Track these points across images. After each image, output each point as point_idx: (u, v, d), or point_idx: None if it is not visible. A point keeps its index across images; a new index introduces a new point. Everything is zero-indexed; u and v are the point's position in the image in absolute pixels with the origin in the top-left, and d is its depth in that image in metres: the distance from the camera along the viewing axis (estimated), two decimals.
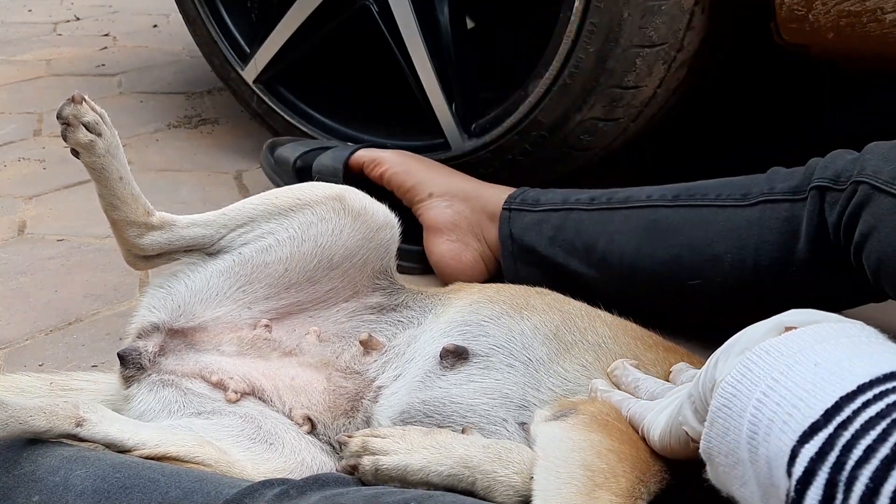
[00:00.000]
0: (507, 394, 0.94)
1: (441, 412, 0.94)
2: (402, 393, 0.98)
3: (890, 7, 1.24)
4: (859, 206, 1.07)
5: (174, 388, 1.00)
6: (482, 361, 0.98)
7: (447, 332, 1.03)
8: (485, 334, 1.00)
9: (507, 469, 0.81)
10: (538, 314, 1.02)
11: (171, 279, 1.07)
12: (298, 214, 1.06)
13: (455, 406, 0.94)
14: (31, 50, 3.14)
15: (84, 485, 0.80)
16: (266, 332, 1.06)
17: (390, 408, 0.98)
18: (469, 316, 1.03)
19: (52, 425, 0.85)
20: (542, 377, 0.95)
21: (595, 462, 0.76)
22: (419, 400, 0.96)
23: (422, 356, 1.01)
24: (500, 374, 0.96)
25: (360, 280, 1.09)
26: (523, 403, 0.93)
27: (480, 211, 1.45)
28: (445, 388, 0.96)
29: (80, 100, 1.00)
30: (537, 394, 0.93)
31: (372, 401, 1.00)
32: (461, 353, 0.98)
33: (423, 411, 0.95)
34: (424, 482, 0.81)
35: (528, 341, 0.99)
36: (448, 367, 0.98)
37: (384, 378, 1.02)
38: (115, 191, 1.03)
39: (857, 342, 0.60)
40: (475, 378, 0.96)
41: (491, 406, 0.93)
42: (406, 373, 1.01)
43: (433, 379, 0.98)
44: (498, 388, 0.95)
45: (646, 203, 1.30)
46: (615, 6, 1.42)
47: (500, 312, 1.03)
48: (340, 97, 1.99)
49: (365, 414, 0.99)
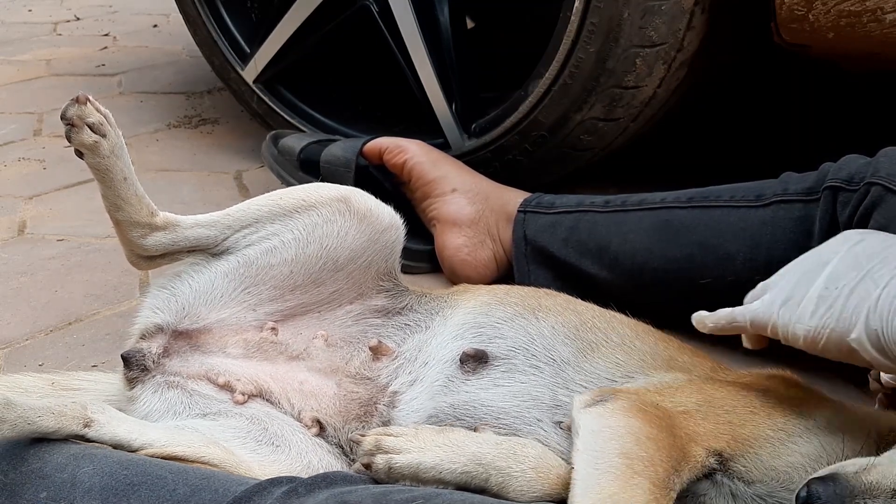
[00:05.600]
0: (536, 395, 0.94)
1: (472, 415, 0.94)
2: (424, 398, 0.98)
3: (890, 7, 1.25)
4: (871, 206, 1.08)
5: (179, 390, 1.00)
6: (504, 364, 0.98)
7: (461, 334, 1.02)
8: (501, 336, 1.00)
9: (522, 465, 0.81)
10: (553, 315, 1.02)
11: (174, 280, 1.06)
12: (303, 216, 1.05)
13: (486, 409, 0.94)
14: (31, 50, 3.14)
15: (92, 482, 0.80)
16: (272, 334, 1.05)
17: (414, 412, 0.97)
18: (481, 318, 1.03)
19: (61, 426, 0.85)
20: (570, 376, 0.95)
21: (634, 450, 0.77)
22: (447, 404, 0.96)
23: (437, 360, 1.01)
24: (525, 376, 0.96)
25: (365, 282, 1.09)
26: (555, 403, 0.93)
27: (500, 211, 1.46)
28: (473, 392, 0.96)
29: (85, 100, 0.99)
30: (568, 393, 0.93)
31: (389, 406, 0.99)
32: (480, 356, 0.98)
33: (453, 415, 0.95)
34: (437, 480, 0.82)
35: (548, 342, 0.99)
36: (470, 370, 0.98)
37: (398, 384, 1.01)
38: (119, 192, 1.03)
39: None
40: (500, 382, 0.96)
41: (523, 408, 0.93)
42: (423, 378, 1.00)
43: (457, 383, 0.97)
44: (526, 390, 0.95)
45: (660, 205, 1.31)
46: (615, 6, 1.42)
47: (514, 314, 1.03)
48: (340, 97, 1.99)
49: (382, 419, 0.98)
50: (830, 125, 1.98)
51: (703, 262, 1.24)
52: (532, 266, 1.40)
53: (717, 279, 1.23)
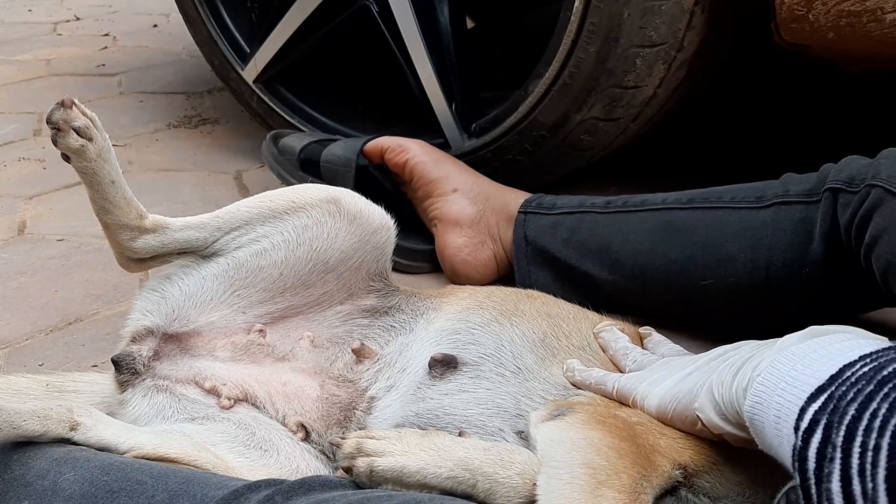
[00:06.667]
0: (499, 403, 0.93)
1: (435, 423, 0.93)
2: (397, 406, 0.97)
3: (890, 7, 1.24)
4: (871, 208, 1.07)
5: (168, 394, 1.00)
6: (472, 370, 0.96)
7: (438, 340, 1.01)
8: (475, 342, 0.99)
9: (509, 471, 0.79)
10: (527, 320, 1.01)
11: (164, 282, 1.06)
12: (293, 217, 1.05)
13: (449, 417, 0.93)
14: (31, 50, 3.14)
15: (72, 489, 0.80)
16: (260, 337, 1.05)
17: (385, 420, 0.96)
18: (458, 324, 1.02)
19: (47, 429, 0.85)
20: (532, 386, 0.94)
21: (596, 460, 0.75)
22: (412, 413, 0.94)
23: (413, 366, 1.00)
24: (491, 383, 0.95)
25: (355, 283, 1.08)
26: (518, 413, 0.92)
27: (501, 212, 1.46)
28: (437, 399, 0.95)
29: (70, 104, 0.98)
30: (531, 402, 0.92)
31: (365, 412, 0.98)
32: (449, 361, 0.97)
33: (416, 424, 0.93)
34: (421, 485, 0.79)
35: (517, 349, 0.97)
36: (437, 376, 0.96)
37: (376, 388, 1.00)
38: (108, 195, 1.02)
39: (870, 336, 0.69)
40: (466, 388, 0.95)
41: (486, 416, 0.92)
42: (399, 384, 0.99)
43: (424, 390, 0.96)
44: (490, 398, 0.93)
45: (661, 206, 1.31)
46: (615, 6, 1.42)
47: (490, 319, 1.02)
48: (340, 97, 1.99)
49: (358, 425, 0.98)
50: (831, 125, 1.98)
51: (704, 262, 1.24)
52: (533, 267, 1.40)
53: (718, 280, 1.22)
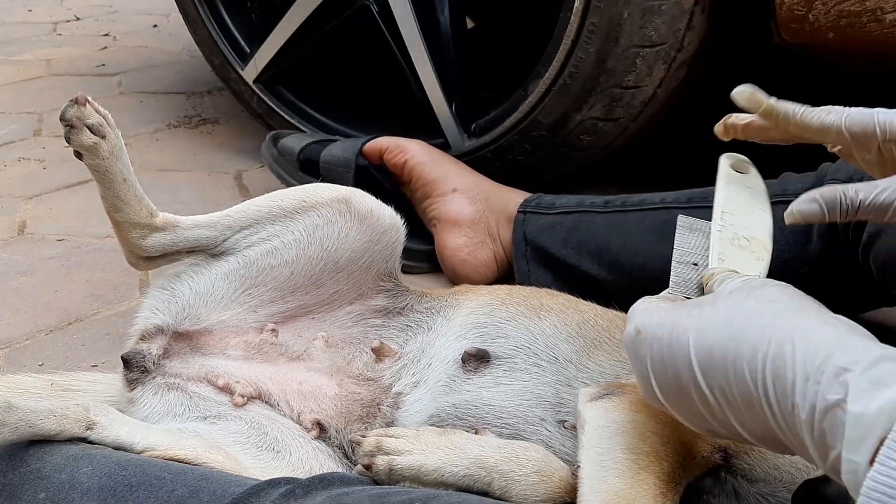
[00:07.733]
0: (539, 393, 0.93)
1: (474, 415, 0.93)
2: (428, 399, 0.98)
3: (890, 7, 1.25)
4: None
5: (179, 392, 1.00)
6: (506, 363, 0.97)
7: (463, 334, 1.02)
8: (503, 335, 1.00)
9: (525, 468, 0.81)
10: (555, 314, 1.02)
11: (174, 281, 1.06)
12: (304, 217, 1.05)
13: (489, 408, 0.93)
14: (31, 50, 3.14)
15: (90, 482, 0.80)
16: (272, 336, 1.05)
17: (417, 413, 0.97)
18: (483, 318, 1.03)
19: (63, 428, 0.84)
20: (573, 374, 0.95)
21: (639, 445, 0.76)
22: (449, 403, 0.95)
23: (440, 361, 1.01)
24: (528, 374, 0.95)
25: (365, 282, 1.09)
26: (559, 401, 0.93)
27: (500, 212, 1.46)
28: (475, 392, 0.95)
29: (84, 101, 0.99)
30: (571, 391, 0.93)
31: (393, 407, 0.99)
32: (482, 356, 0.98)
33: (454, 414, 0.94)
34: (439, 482, 0.81)
35: (550, 340, 0.98)
36: (472, 370, 0.97)
37: (401, 385, 1.01)
38: (119, 193, 1.02)
39: None
40: (502, 380, 0.96)
41: (526, 406, 0.93)
42: (427, 379, 1.00)
43: (458, 383, 0.97)
44: (528, 388, 0.94)
45: (660, 205, 1.31)
46: (615, 6, 1.42)
47: (516, 313, 1.02)
48: (340, 97, 1.99)
49: (385, 420, 0.98)
50: None
51: None
52: (532, 266, 1.40)
53: None
